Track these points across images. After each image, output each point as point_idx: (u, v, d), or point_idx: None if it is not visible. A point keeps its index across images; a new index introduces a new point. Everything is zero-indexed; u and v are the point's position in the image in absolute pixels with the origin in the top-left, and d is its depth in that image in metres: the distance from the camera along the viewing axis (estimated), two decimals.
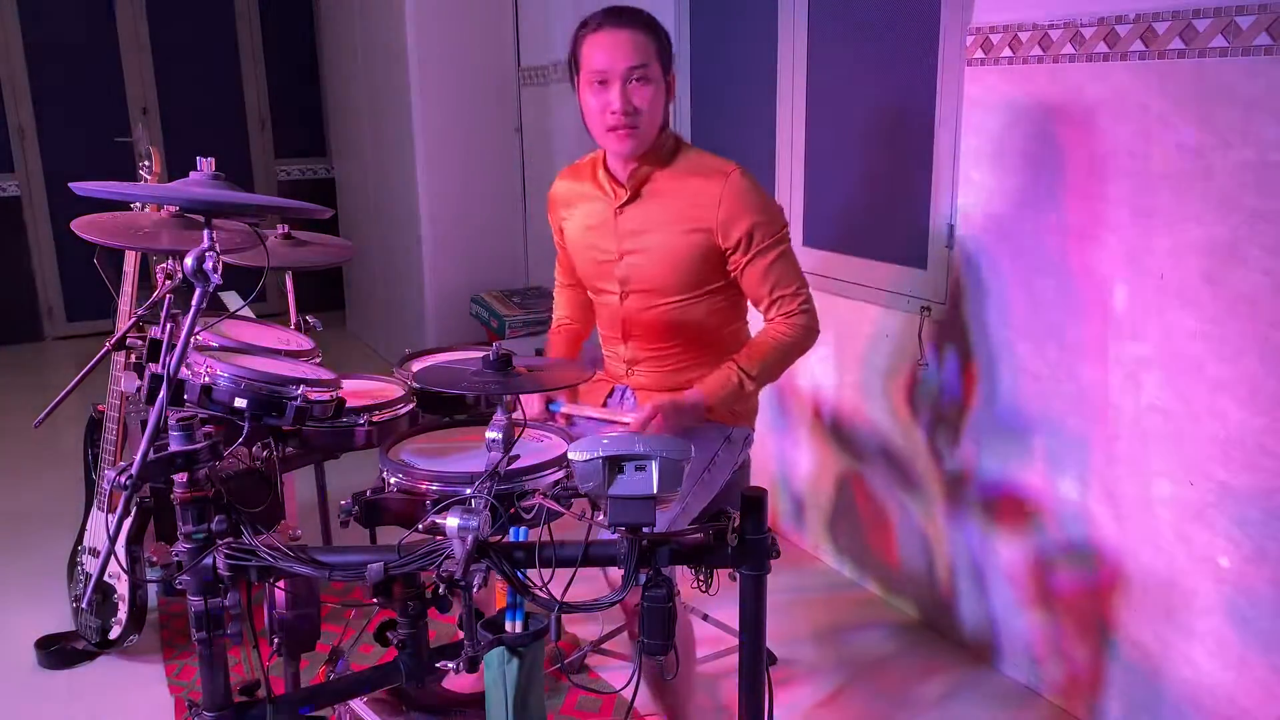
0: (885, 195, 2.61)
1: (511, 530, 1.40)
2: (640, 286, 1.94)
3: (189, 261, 1.30)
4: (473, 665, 1.42)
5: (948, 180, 2.36)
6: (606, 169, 1.94)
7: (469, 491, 1.34)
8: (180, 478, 1.32)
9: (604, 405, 2.06)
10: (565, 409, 1.89)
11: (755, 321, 2.17)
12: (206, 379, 1.52)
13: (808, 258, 2.87)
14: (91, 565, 2.48)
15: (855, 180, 2.71)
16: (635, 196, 1.90)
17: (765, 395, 3.12)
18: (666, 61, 1.86)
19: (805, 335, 1.93)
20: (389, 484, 1.60)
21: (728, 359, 1.93)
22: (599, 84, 1.80)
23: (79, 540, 2.53)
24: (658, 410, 1.77)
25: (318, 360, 1.98)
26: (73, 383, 1.64)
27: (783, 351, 1.91)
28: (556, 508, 1.44)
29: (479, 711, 1.98)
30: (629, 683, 1.40)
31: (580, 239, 2.01)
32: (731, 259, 1.89)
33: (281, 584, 1.53)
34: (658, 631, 1.31)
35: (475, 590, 1.35)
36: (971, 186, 2.29)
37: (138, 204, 2.08)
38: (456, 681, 2.20)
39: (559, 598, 1.30)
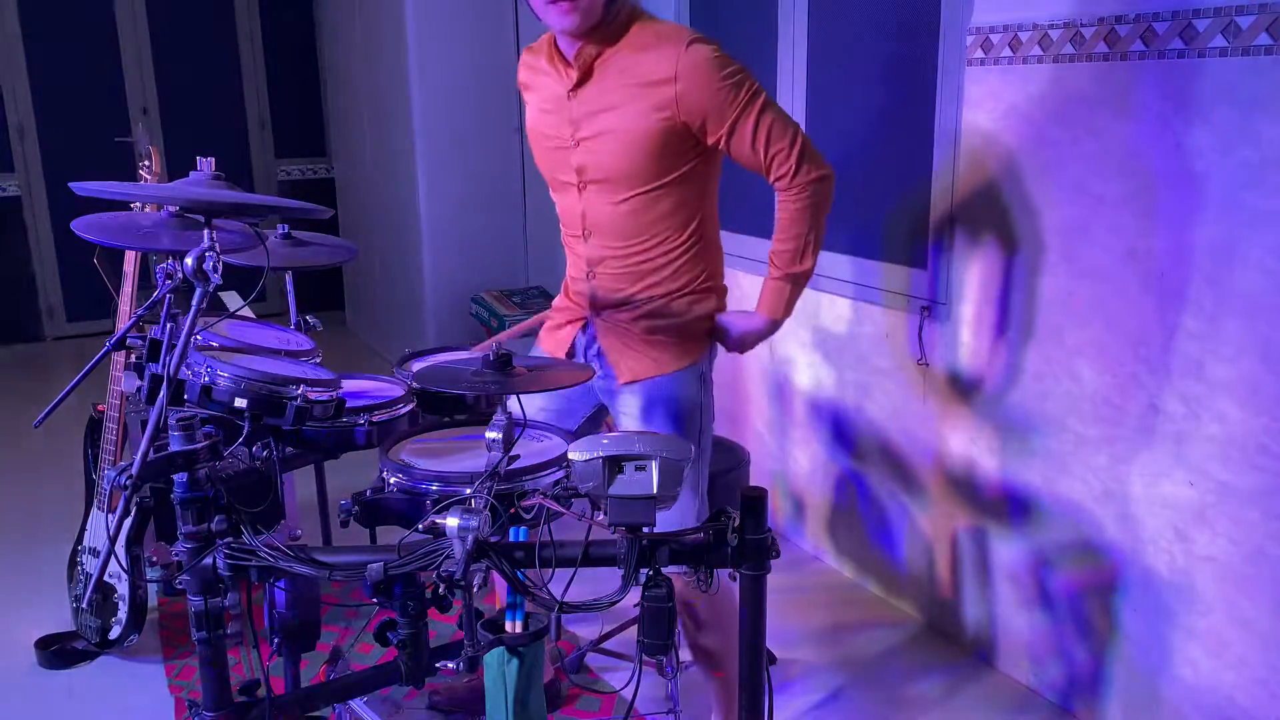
0: (885, 195, 2.61)
1: (511, 530, 1.40)
2: (598, 175, 1.79)
3: (189, 261, 1.30)
4: (473, 665, 1.42)
5: (948, 180, 2.36)
6: (557, 47, 1.79)
7: (469, 491, 1.34)
8: (180, 478, 1.32)
9: (570, 355, 1.94)
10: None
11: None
12: (206, 379, 1.52)
13: None
14: (91, 565, 2.48)
15: (855, 180, 2.71)
16: (587, 77, 1.75)
17: (765, 395, 3.13)
18: None
19: (819, 186, 1.78)
20: (389, 484, 1.60)
21: (698, 257, 1.84)
22: None
23: (79, 540, 2.53)
24: (740, 345, 1.87)
25: (318, 360, 1.98)
26: (73, 383, 1.63)
27: (808, 216, 1.80)
28: (556, 508, 1.44)
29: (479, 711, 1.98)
30: (629, 683, 1.39)
31: (537, 124, 1.88)
32: (710, 137, 1.73)
33: (281, 584, 1.53)
34: (658, 631, 1.31)
35: (475, 590, 1.35)
36: (972, 186, 2.29)
37: (138, 204, 2.08)
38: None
39: (559, 598, 1.30)
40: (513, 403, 1.48)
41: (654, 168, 1.75)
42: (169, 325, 1.60)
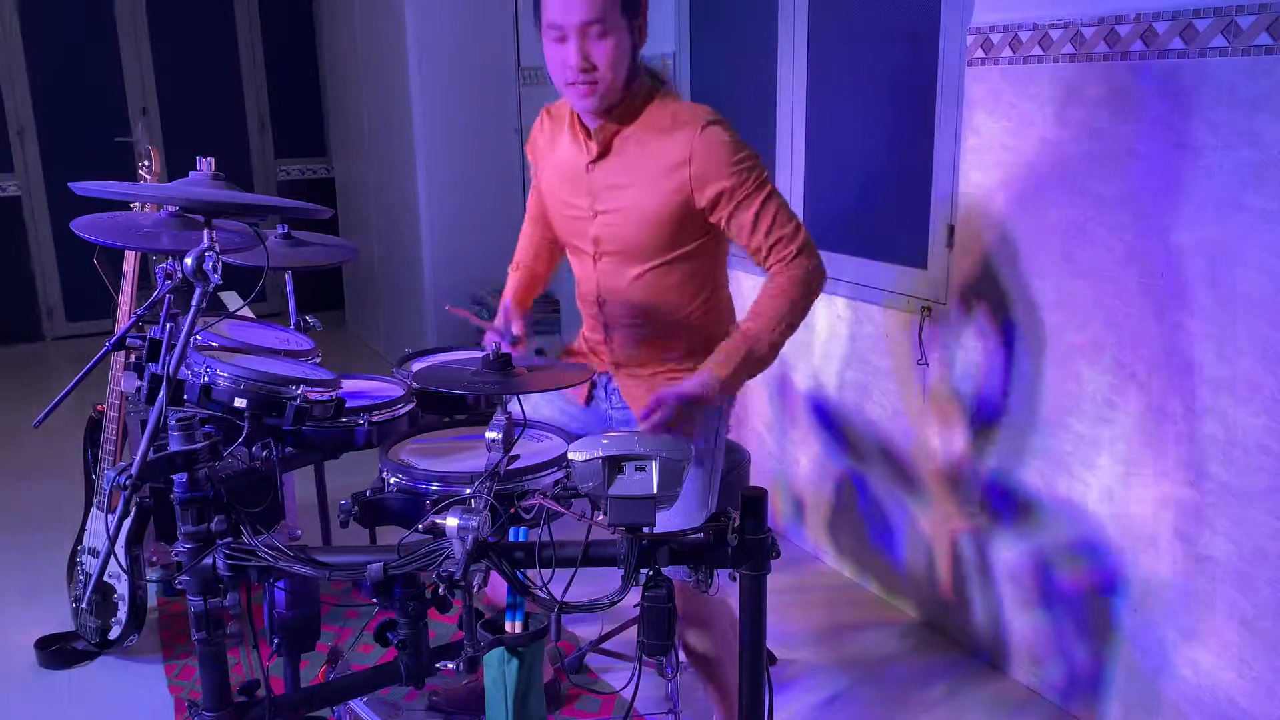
0: (885, 195, 2.61)
1: (511, 530, 1.40)
2: (613, 248, 1.83)
3: (189, 261, 1.30)
4: (472, 665, 1.42)
5: (948, 180, 2.36)
6: (578, 117, 1.82)
7: (469, 491, 1.34)
8: (180, 478, 1.32)
9: (587, 403, 1.99)
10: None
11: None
12: (206, 379, 1.52)
13: None
14: (91, 565, 2.48)
15: (855, 180, 2.71)
16: (606, 151, 1.79)
17: (765, 395, 3.13)
18: (632, 7, 1.70)
19: (810, 276, 1.77)
20: (389, 484, 1.60)
21: (710, 326, 1.86)
22: (557, 39, 1.68)
23: (79, 540, 2.53)
24: (659, 402, 1.66)
25: (318, 360, 1.98)
26: (73, 383, 1.63)
27: (790, 300, 1.75)
28: (556, 508, 1.44)
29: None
30: (629, 683, 1.39)
31: (556, 190, 1.90)
32: (714, 215, 1.76)
33: (281, 584, 1.53)
34: (658, 632, 1.31)
35: (475, 590, 1.35)
36: (971, 186, 2.29)
37: (138, 204, 2.08)
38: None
39: (559, 598, 1.30)
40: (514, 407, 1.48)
41: (668, 242, 1.79)
42: (169, 325, 1.60)
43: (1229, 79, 1.75)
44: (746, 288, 2.78)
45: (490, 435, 1.42)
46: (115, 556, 2.28)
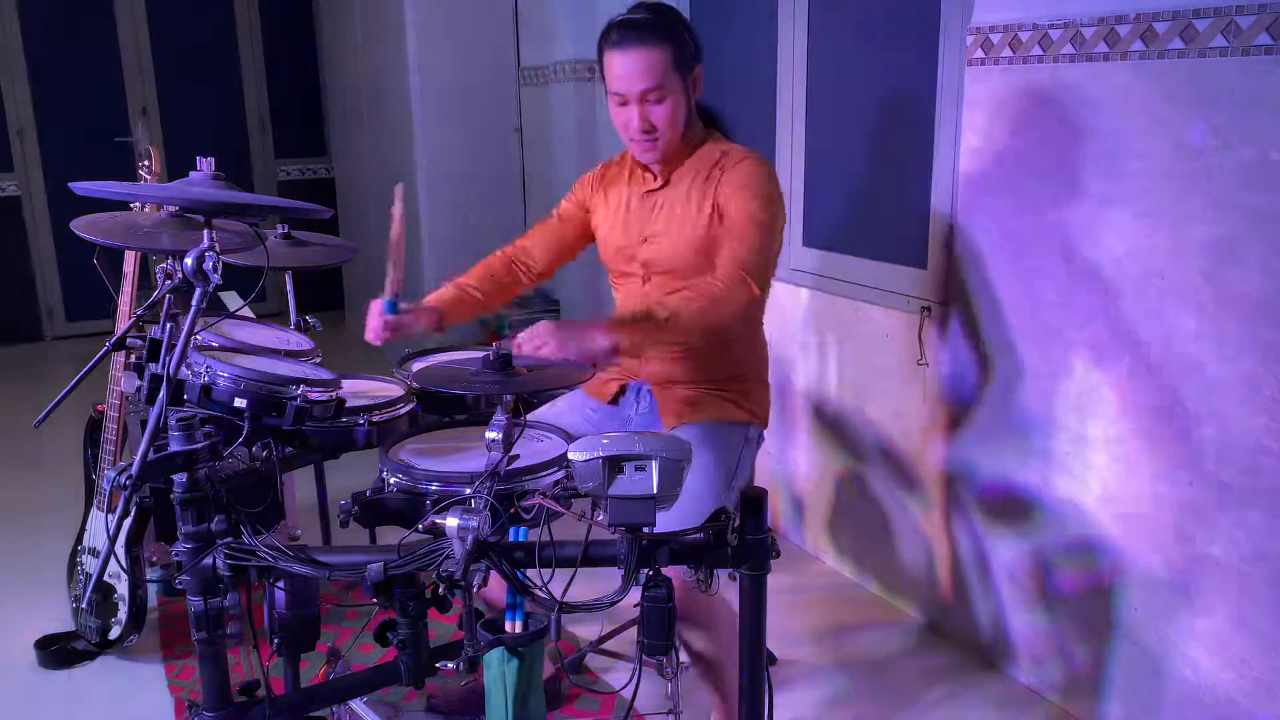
0: (885, 195, 2.61)
1: (511, 530, 1.40)
2: (662, 268, 1.94)
3: (189, 261, 1.30)
4: (473, 665, 1.42)
5: (948, 180, 2.36)
6: (638, 161, 1.98)
7: (469, 491, 1.34)
8: (180, 478, 1.32)
9: (614, 402, 2.05)
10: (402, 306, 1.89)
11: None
12: (206, 379, 1.52)
13: (808, 258, 2.88)
14: (91, 565, 2.48)
15: (855, 180, 2.71)
16: (665, 184, 1.95)
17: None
18: (686, 64, 1.86)
19: (734, 290, 1.74)
20: (389, 484, 1.60)
21: (742, 351, 1.96)
22: (619, 104, 1.85)
23: (79, 540, 2.53)
24: (539, 328, 1.62)
25: (318, 360, 1.98)
26: (73, 383, 1.63)
27: (707, 296, 1.72)
28: (556, 508, 1.44)
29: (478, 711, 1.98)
30: (629, 683, 1.39)
31: (610, 219, 2.02)
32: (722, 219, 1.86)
33: (281, 584, 1.53)
34: (658, 632, 1.31)
35: (475, 590, 1.35)
36: (972, 186, 2.29)
37: (138, 204, 2.08)
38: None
39: (559, 598, 1.30)
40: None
41: (710, 261, 1.87)
42: (169, 325, 1.60)
43: (1229, 79, 1.75)
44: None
45: (490, 435, 1.42)
46: (115, 556, 2.28)
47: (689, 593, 1.42)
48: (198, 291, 1.30)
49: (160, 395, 1.32)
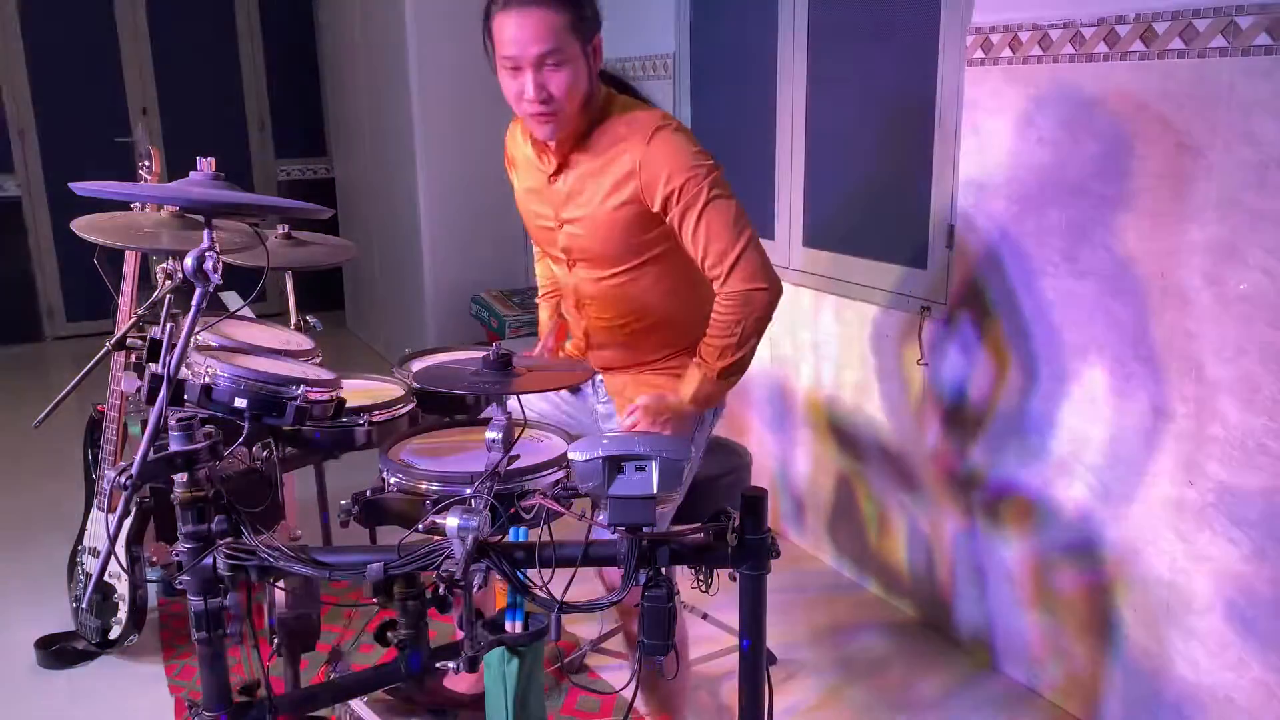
0: (885, 195, 2.61)
1: (511, 530, 1.40)
2: (582, 256, 1.86)
3: (189, 261, 1.30)
4: (473, 665, 1.42)
5: (948, 180, 2.36)
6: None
7: (469, 491, 1.34)
8: (180, 478, 1.32)
9: (574, 393, 2.02)
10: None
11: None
12: (206, 379, 1.52)
13: (808, 258, 2.88)
14: (91, 565, 2.48)
15: (855, 180, 2.71)
16: (564, 165, 1.81)
17: (765, 395, 3.13)
18: (586, 31, 1.70)
19: (744, 303, 1.72)
20: (389, 484, 1.60)
21: (685, 324, 1.89)
22: (511, 69, 1.69)
23: (79, 540, 2.53)
24: (642, 412, 1.73)
25: (318, 360, 1.98)
26: (73, 383, 1.64)
27: (728, 328, 1.73)
28: (556, 508, 1.44)
29: (480, 713, 1.98)
30: (629, 683, 1.40)
31: (524, 202, 1.94)
32: (668, 219, 1.75)
33: (281, 584, 1.53)
34: (658, 631, 1.31)
35: (475, 590, 1.35)
36: (971, 186, 2.29)
37: (138, 204, 2.08)
38: (456, 681, 2.20)
39: (559, 598, 1.30)
40: (512, 401, 1.48)
41: (632, 248, 1.81)
42: (169, 325, 1.60)
43: (1229, 79, 1.75)
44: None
45: (490, 435, 1.42)
46: (115, 556, 2.28)
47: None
48: (198, 291, 1.30)
49: (160, 395, 1.32)
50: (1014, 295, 2.23)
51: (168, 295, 1.75)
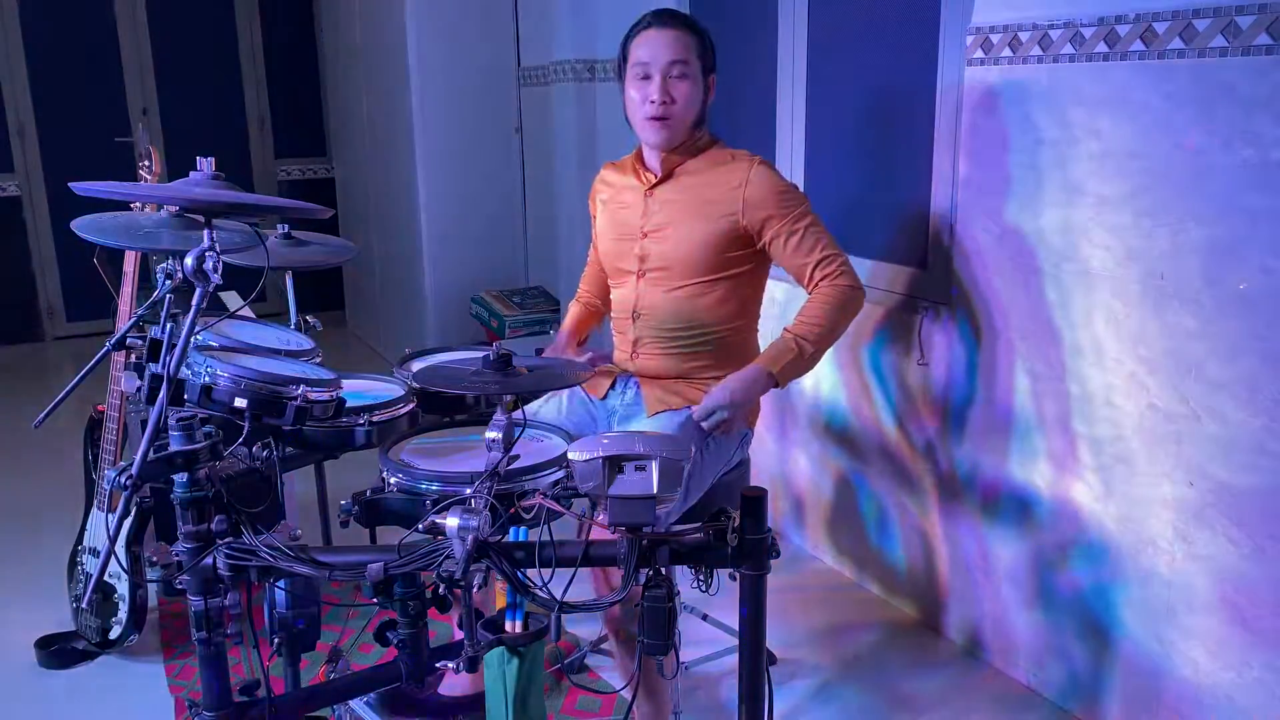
0: (885, 195, 2.61)
1: (511, 530, 1.40)
2: (657, 265, 2.01)
3: (189, 261, 1.30)
4: (473, 665, 1.42)
5: (948, 180, 2.36)
6: (641, 160, 2.07)
7: (469, 491, 1.34)
8: (180, 478, 1.32)
9: (605, 397, 2.09)
10: None
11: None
12: (206, 379, 1.52)
13: None
14: (91, 565, 2.48)
15: (855, 180, 2.71)
16: (667, 178, 2.01)
17: (765, 395, 3.12)
18: (708, 63, 1.98)
19: (853, 294, 1.98)
20: (389, 484, 1.60)
21: (734, 354, 2.00)
22: (642, 77, 1.93)
23: (79, 540, 2.53)
24: (725, 396, 1.87)
25: (318, 360, 1.98)
26: (73, 383, 1.63)
27: (836, 309, 1.95)
28: (556, 508, 1.44)
29: (479, 713, 1.98)
30: (629, 683, 1.40)
31: (610, 218, 2.11)
32: (762, 238, 1.96)
33: (281, 584, 1.53)
34: (658, 631, 1.31)
35: (475, 590, 1.35)
36: (972, 186, 2.29)
37: (138, 204, 2.08)
38: (453, 687, 2.20)
39: (559, 598, 1.30)
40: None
41: (711, 262, 1.98)
42: (169, 325, 1.60)
43: (1229, 79, 1.75)
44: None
45: (490, 435, 1.42)
46: (115, 556, 2.28)
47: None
48: (198, 291, 1.30)
49: (160, 395, 1.32)
50: (1014, 295, 2.23)
51: (168, 295, 1.74)
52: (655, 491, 1.25)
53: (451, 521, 1.27)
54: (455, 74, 4.33)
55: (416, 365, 2.13)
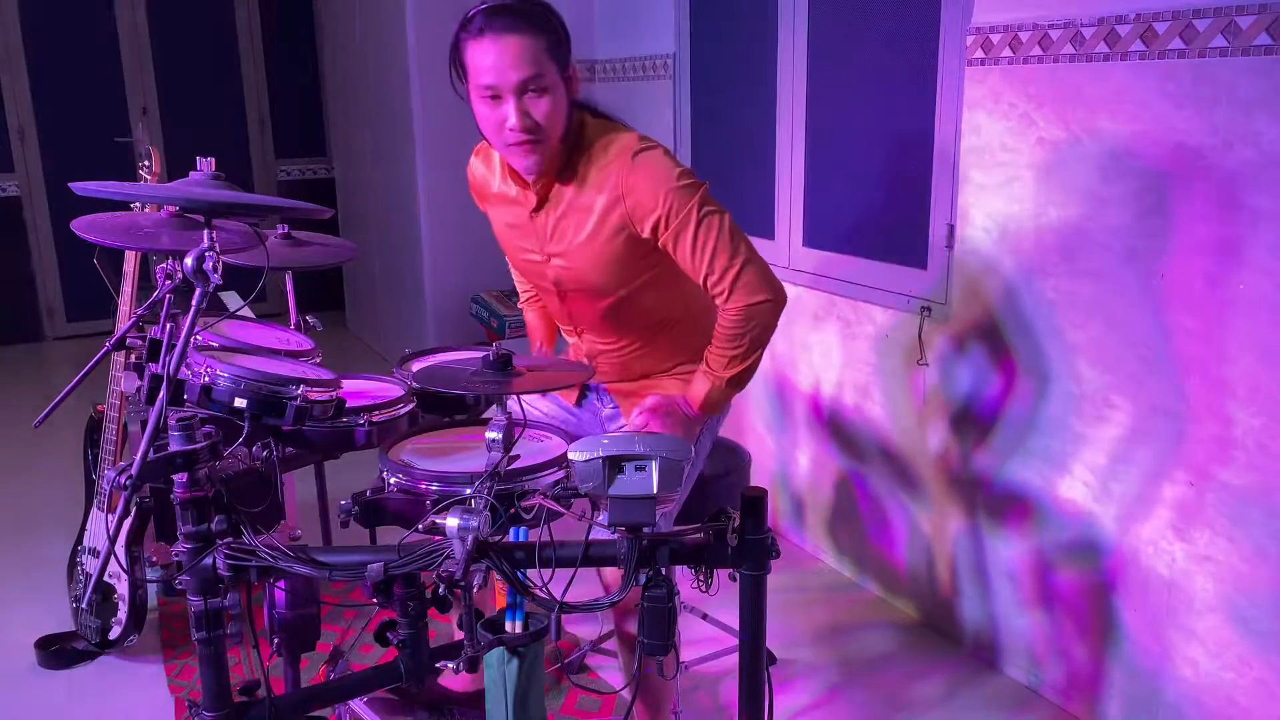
0: (885, 195, 2.61)
1: (511, 530, 1.40)
2: (574, 287, 1.83)
3: (189, 261, 1.30)
4: (473, 665, 1.42)
5: (948, 180, 2.36)
6: (513, 170, 1.77)
7: (469, 491, 1.34)
8: (180, 478, 1.32)
9: (578, 404, 2.03)
10: None
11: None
12: (206, 379, 1.52)
13: (808, 258, 2.88)
14: (91, 565, 2.48)
15: (855, 180, 2.71)
16: (544, 201, 1.77)
17: (765, 395, 3.13)
18: (563, 58, 1.66)
19: (749, 316, 1.72)
20: (389, 484, 1.60)
21: (688, 335, 1.90)
22: (490, 98, 1.62)
23: (79, 540, 2.53)
24: (651, 413, 1.76)
25: (318, 360, 1.98)
26: (73, 383, 1.63)
27: (735, 340, 1.75)
28: (556, 508, 1.44)
29: (478, 711, 1.98)
30: (628, 683, 1.39)
31: (506, 237, 1.91)
32: (658, 241, 1.72)
33: (281, 584, 1.53)
34: (658, 631, 1.31)
35: (475, 590, 1.35)
36: (971, 186, 2.29)
37: (138, 204, 2.08)
38: (453, 680, 2.20)
39: (559, 598, 1.30)
40: (512, 402, 1.48)
41: (625, 276, 1.78)
42: (169, 325, 1.60)
43: (1229, 79, 1.75)
44: None
45: (490, 435, 1.42)
46: (115, 556, 2.28)
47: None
48: (198, 291, 1.30)
49: (160, 395, 1.32)
50: (1014, 295, 2.23)
51: (168, 295, 1.74)
52: (655, 491, 1.25)
53: (451, 521, 1.27)
54: None
55: (416, 365, 2.13)
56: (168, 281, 2.00)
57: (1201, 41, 1.78)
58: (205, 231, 1.33)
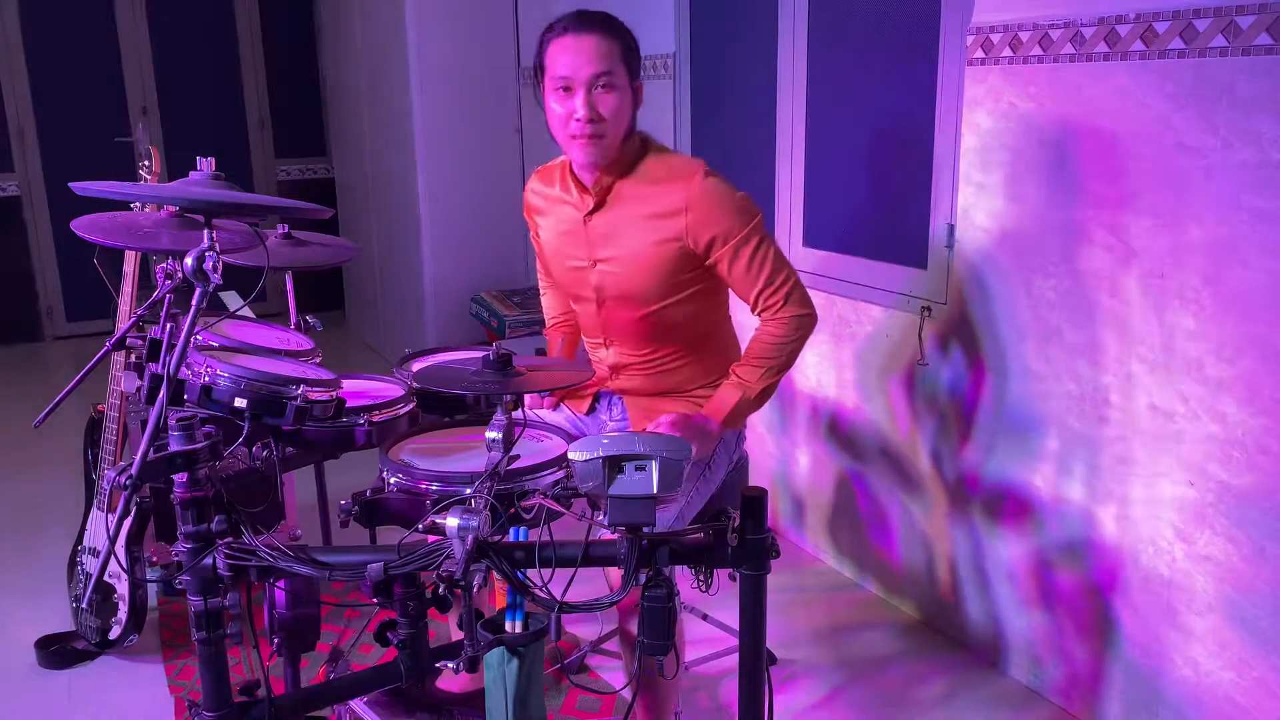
0: (885, 195, 2.61)
1: (511, 530, 1.40)
2: (616, 293, 1.90)
3: (189, 261, 1.30)
4: (473, 665, 1.42)
5: (948, 180, 2.36)
6: (573, 174, 1.89)
7: (469, 491, 1.34)
8: (180, 478, 1.32)
9: (589, 413, 2.05)
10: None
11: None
12: (206, 379, 1.52)
13: (808, 258, 2.88)
14: (91, 565, 2.48)
15: (855, 180, 2.71)
16: (601, 204, 1.86)
17: None
18: (633, 68, 1.81)
19: (798, 326, 1.85)
20: (389, 484, 1.60)
21: (715, 358, 1.95)
22: (563, 90, 1.75)
23: (79, 540, 2.53)
24: (670, 428, 1.77)
25: (318, 360, 1.98)
26: (73, 383, 1.63)
27: (778, 349, 1.85)
28: (556, 508, 1.44)
29: (478, 711, 1.98)
30: (629, 683, 1.39)
31: (554, 244, 1.98)
32: (710, 257, 1.83)
33: (281, 584, 1.53)
34: (658, 631, 1.31)
35: (475, 590, 1.35)
36: (971, 186, 2.29)
37: (138, 204, 2.08)
38: (452, 681, 2.20)
39: (559, 598, 1.30)
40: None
41: (668, 287, 1.86)
42: (169, 325, 1.60)
43: (1229, 79, 1.75)
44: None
45: (490, 435, 1.42)
46: (115, 556, 2.28)
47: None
48: (198, 291, 1.30)
49: (160, 395, 1.32)
50: (1014, 295, 2.23)
51: (168, 295, 1.75)
52: (655, 491, 1.25)
53: (451, 521, 1.27)
54: (455, 74, 4.33)
55: (416, 365, 2.13)
56: (168, 281, 2.00)
57: (1201, 41, 1.78)
58: (205, 231, 1.33)
